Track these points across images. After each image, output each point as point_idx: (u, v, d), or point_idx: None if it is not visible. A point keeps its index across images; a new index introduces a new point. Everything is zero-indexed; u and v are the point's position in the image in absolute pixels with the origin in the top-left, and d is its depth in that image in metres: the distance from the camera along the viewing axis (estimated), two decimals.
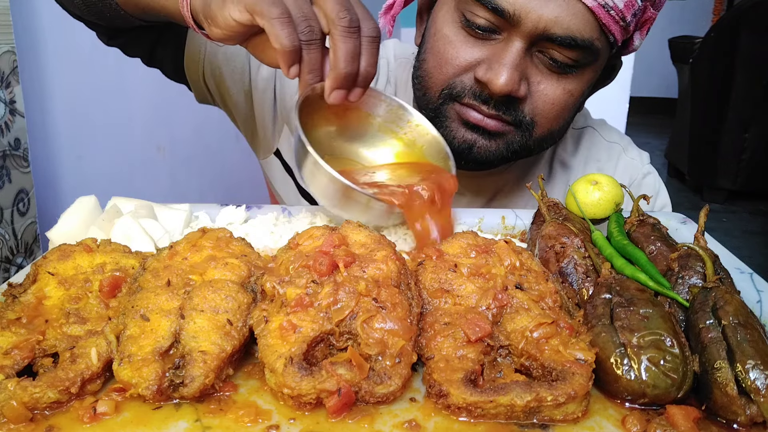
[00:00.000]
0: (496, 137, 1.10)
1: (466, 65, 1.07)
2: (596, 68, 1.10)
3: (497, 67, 1.03)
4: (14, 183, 1.99)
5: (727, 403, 0.63)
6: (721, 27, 5.04)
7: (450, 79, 1.09)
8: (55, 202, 2.20)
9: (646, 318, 0.70)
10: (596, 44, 1.03)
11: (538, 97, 1.07)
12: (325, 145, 1.05)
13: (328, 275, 0.74)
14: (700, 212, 0.91)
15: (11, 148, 1.98)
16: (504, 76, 1.02)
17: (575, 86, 1.09)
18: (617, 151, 1.35)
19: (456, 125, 1.11)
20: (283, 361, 0.65)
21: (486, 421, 0.64)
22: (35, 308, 0.76)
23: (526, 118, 1.09)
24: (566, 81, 1.07)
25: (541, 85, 1.07)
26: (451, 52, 1.08)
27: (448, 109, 1.11)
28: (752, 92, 4.91)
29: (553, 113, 1.10)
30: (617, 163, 1.35)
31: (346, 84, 0.88)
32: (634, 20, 1.05)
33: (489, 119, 1.08)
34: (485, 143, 1.11)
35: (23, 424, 0.63)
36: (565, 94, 1.08)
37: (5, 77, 1.92)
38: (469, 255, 0.82)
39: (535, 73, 1.06)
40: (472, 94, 1.08)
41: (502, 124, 1.09)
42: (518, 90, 1.04)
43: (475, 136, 1.10)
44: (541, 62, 1.05)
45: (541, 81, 1.06)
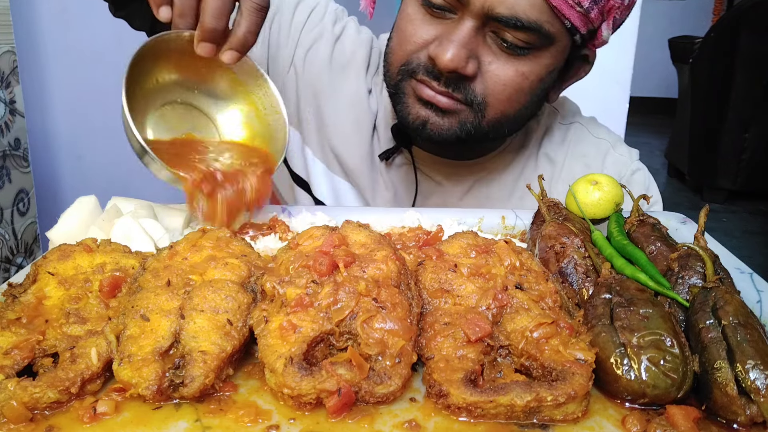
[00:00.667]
0: (449, 115, 1.12)
1: (422, 42, 1.10)
2: (555, 54, 1.09)
3: (446, 43, 1.05)
4: (14, 183, 1.99)
5: (727, 403, 0.63)
6: (721, 27, 5.04)
7: (408, 56, 1.12)
8: (55, 202, 2.20)
9: (646, 318, 0.70)
10: (546, 27, 1.03)
11: (489, 77, 1.08)
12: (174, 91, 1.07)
13: (328, 275, 0.74)
14: (700, 212, 0.91)
15: (11, 148, 1.98)
16: (450, 52, 1.04)
17: (529, 69, 1.08)
18: (605, 148, 1.35)
19: (412, 101, 1.14)
20: (283, 361, 0.65)
21: (486, 421, 0.64)
22: (35, 308, 0.76)
23: (477, 98, 1.10)
24: (519, 63, 1.07)
25: (492, 65, 1.07)
26: (410, 29, 1.11)
27: (406, 85, 1.14)
28: (752, 92, 4.91)
29: (504, 94, 1.10)
30: (605, 159, 1.34)
31: (212, 38, 0.90)
32: (595, 8, 1.04)
33: (440, 96, 1.10)
34: (438, 120, 1.12)
35: (23, 424, 0.63)
36: (518, 75, 1.08)
37: (5, 77, 1.92)
38: (469, 255, 0.82)
39: (486, 53, 1.07)
40: (425, 70, 1.10)
41: (453, 102, 1.11)
42: (465, 67, 1.05)
43: (428, 112, 1.12)
44: (494, 43, 1.06)
45: (492, 61, 1.07)
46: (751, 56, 4.82)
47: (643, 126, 7.06)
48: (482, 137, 1.17)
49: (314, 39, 1.35)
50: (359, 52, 1.37)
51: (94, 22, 2.21)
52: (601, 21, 1.08)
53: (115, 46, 2.31)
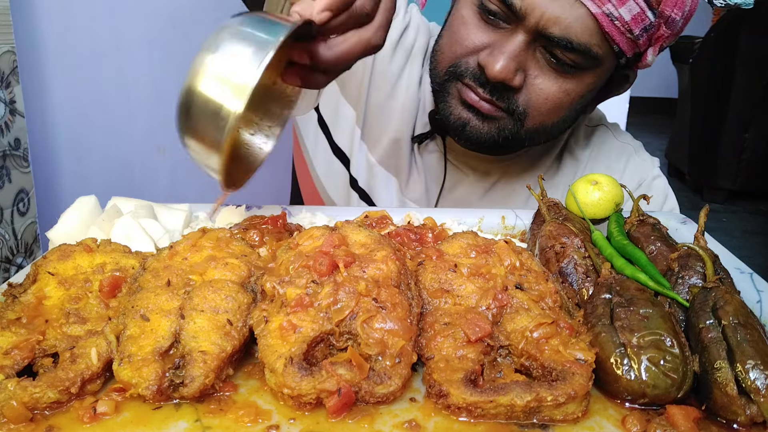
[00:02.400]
0: (489, 120, 1.15)
1: (473, 47, 1.12)
2: (599, 74, 1.13)
3: (497, 53, 1.08)
4: (14, 183, 1.99)
5: (727, 403, 0.63)
6: (721, 27, 5.04)
7: (457, 58, 1.14)
8: (55, 202, 2.20)
9: (646, 318, 0.70)
10: (595, 50, 1.06)
11: (532, 89, 1.11)
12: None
13: (328, 275, 0.74)
14: (700, 212, 0.91)
15: (11, 148, 1.98)
16: (501, 63, 1.07)
17: (572, 87, 1.12)
18: (628, 152, 1.38)
19: (455, 102, 1.17)
20: (283, 361, 0.65)
21: (486, 421, 0.64)
22: (35, 308, 0.76)
23: (519, 108, 1.12)
24: (564, 80, 1.11)
25: (538, 80, 1.10)
26: (463, 33, 1.13)
27: (451, 86, 1.16)
28: (752, 92, 4.91)
29: (545, 108, 1.13)
30: (627, 163, 1.36)
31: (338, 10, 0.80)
32: (645, 35, 1.07)
33: (484, 102, 1.13)
34: (478, 124, 1.15)
35: (23, 424, 0.63)
36: (561, 92, 1.11)
37: (5, 77, 1.92)
38: (469, 255, 0.82)
39: (534, 67, 1.10)
40: (473, 75, 1.12)
41: (495, 109, 1.13)
42: (512, 79, 1.08)
43: (469, 115, 1.15)
44: (543, 58, 1.09)
45: (538, 75, 1.10)
46: (751, 56, 4.81)
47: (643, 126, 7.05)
48: (519, 143, 1.20)
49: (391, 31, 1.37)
50: (420, 41, 1.39)
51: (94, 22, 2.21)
52: (648, 46, 1.11)
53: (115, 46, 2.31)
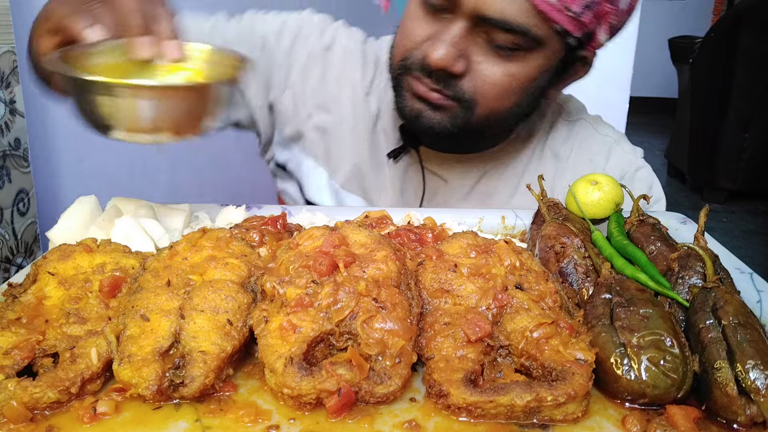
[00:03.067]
0: (440, 110, 1.16)
1: (419, 39, 1.13)
2: (547, 56, 1.11)
3: (437, 42, 1.08)
4: (14, 183, 1.99)
5: (727, 403, 0.63)
6: (721, 27, 5.04)
7: (407, 52, 1.15)
8: (55, 202, 2.19)
9: (646, 318, 0.70)
10: (534, 31, 1.05)
11: (477, 75, 1.11)
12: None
13: (328, 275, 0.74)
14: (700, 212, 0.91)
15: (11, 148, 1.98)
16: (440, 51, 1.07)
17: (517, 70, 1.11)
18: (609, 144, 1.37)
19: (408, 95, 1.18)
20: (283, 361, 0.65)
21: (486, 421, 0.64)
22: (35, 308, 0.76)
23: (465, 95, 1.13)
24: (508, 63, 1.10)
25: (482, 65, 1.10)
26: (410, 26, 1.15)
27: (404, 80, 1.17)
28: (752, 92, 4.90)
29: (493, 93, 1.13)
30: (609, 155, 1.35)
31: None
32: (588, 12, 1.06)
33: (432, 92, 1.14)
34: (430, 114, 1.16)
35: (23, 424, 0.63)
36: (506, 76, 1.11)
37: (5, 77, 1.92)
38: (469, 255, 0.82)
39: (476, 53, 1.10)
40: (419, 67, 1.13)
41: (443, 98, 1.14)
42: (453, 66, 1.08)
43: (421, 106, 1.16)
44: (485, 43, 1.09)
45: (482, 61, 1.10)
46: (751, 56, 4.81)
47: (643, 126, 7.06)
48: (475, 133, 1.20)
49: (306, 57, 1.38)
50: (352, 59, 1.39)
51: None
52: (596, 25, 1.10)
53: None
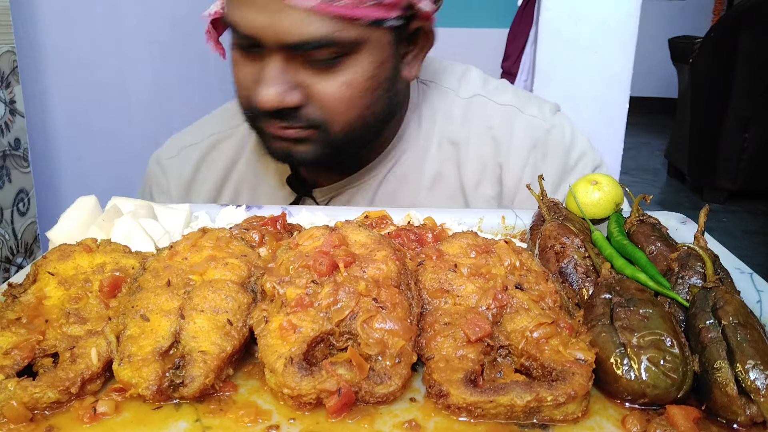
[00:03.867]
0: (305, 142, 1.12)
1: (250, 85, 1.09)
2: (372, 50, 1.07)
3: (262, 85, 1.05)
4: (14, 183, 1.99)
5: (727, 403, 0.63)
6: (721, 27, 5.04)
7: (245, 100, 1.12)
8: (55, 202, 2.20)
9: (646, 318, 0.70)
10: (340, 36, 1.01)
11: (317, 98, 1.07)
12: None
13: (328, 275, 0.74)
14: (700, 212, 0.91)
15: (11, 148, 1.98)
16: (267, 92, 1.03)
17: (349, 76, 1.07)
18: (511, 113, 1.28)
19: (269, 138, 1.14)
20: (283, 361, 0.65)
21: (486, 421, 0.64)
22: (35, 308, 0.76)
23: (316, 120, 1.09)
24: (338, 75, 1.06)
25: (316, 87, 1.07)
26: (239, 75, 1.11)
27: (261, 124, 1.14)
28: (752, 92, 4.91)
29: (340, 108, 1.09)
30: (512, 126, 1.27)
31: None
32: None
33: (287, 131, 1.10)
34: (299, 149, 1.13)
35: (23, 424, 0.63)
36: (342, 86, 1.07)
37: (5, 77, 1.92)
38: (469, 255, 0.82)
39: (306, 77, 1.06)
40: (261, 113, 1.09)
41: (299, 131, 1.11)
42: (284, 100, 1.05)
43: (286, 144, 1.13)
44: (306, 65, 1.06)
45: (314, 83, 1.06)
46: (751, 56, 4.81)
47: (643, 126, 7.06)
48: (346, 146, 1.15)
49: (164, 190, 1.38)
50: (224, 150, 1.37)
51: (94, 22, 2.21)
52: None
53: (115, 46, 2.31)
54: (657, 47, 6.37)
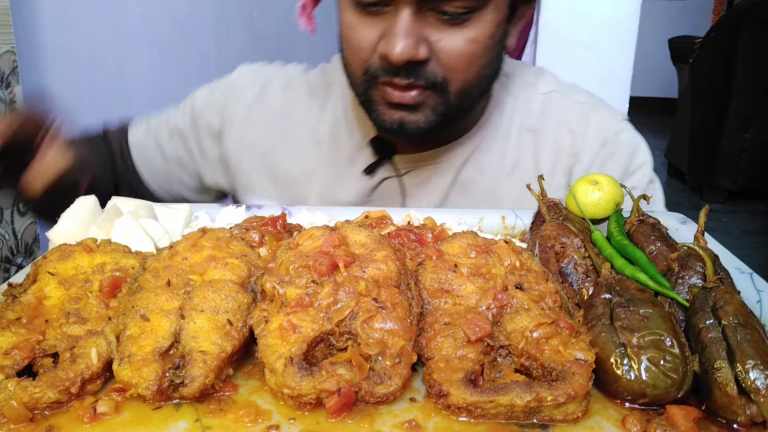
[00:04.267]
0: (419, 108, 1.13)
1: (370, 45, 1.10)
2: (496, 7, 1.10)
3: (391, 38, 1.06)
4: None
5: (727, 403, 0.63)
6: (721, 27, 5.04)
7: (365, 63, 1.12)
8: None
9: (646, 318, 0.70)
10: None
11: (442, 54, 1.09)
12: None
13: (328, 275, 0.74)
14: (700, 212, 0.91)
15: None
16: (399, 45, 1.04)
17: (476, 32, 1.09)
18: (586, 111, 1.33)
19: (383, 108, 1.15)
20: (283, 361, 0.65)
21: (486, 421, 0.64)
22: (35, 308, 0.76)
23: (438, 78, 1.10)
24: (465, 30, 1.08)
25: (441, 42, 1.08)
26: (356, 38, 1.12)
27: (373, 92, 1.14)
28: (752, 92, 4.91)
29: (461, 65, 1.11)
30: (588, 121, 1.32)
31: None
32: None
33: (407, 92, 1.11)
34: (413, 118, 1.13)
35: (23, 424, 0.63)
36: (468, 42, 1.09)
37: (5, 77, 1.92)
38: (469, 255, 0.82)
39: (433, 32, 1.08)
40: (384, 70, 1.10)
41: (419, 93, 1.11)
42: (417, 54, 1.06)
43: (401, 113, 1.13)
44: (436, 19, 1.07)
45: (440, 38, 1.08)
46: (751, 56, 4.81)
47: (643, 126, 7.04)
48: (456, 111, 1.17)
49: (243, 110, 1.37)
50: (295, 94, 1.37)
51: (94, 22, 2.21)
52: None
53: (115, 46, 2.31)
54: (657, 47, 6.36)
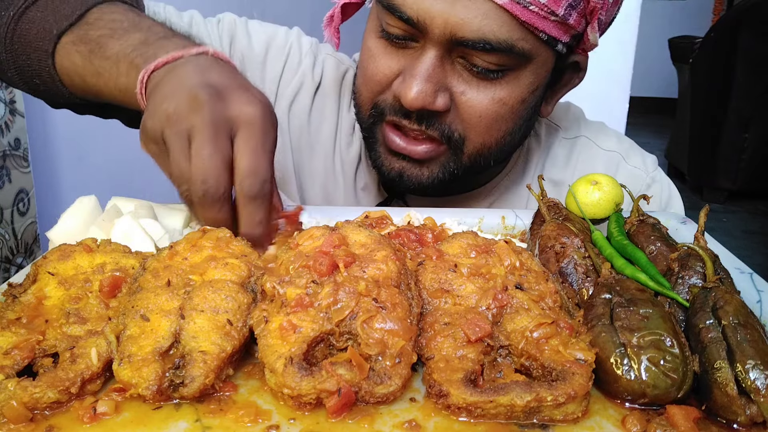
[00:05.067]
0: (427, 163, 1.03)
1: (386, 79, 1.00)
2: (535, 71, 0.99)
3: (409, 78, 0.95)
4: (14, 183, 1.99)
5: (727, 403, 0.63)
6: (721, 27, 5.05)
7: (375, 97, 1.03)
8: (55, 202, 2.20)
9: (646, 318, 0.70)
10: (519, 45, 0.93)
11: (463, 108, 0.98)
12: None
13: (328, 275, 0.74)
14: (700, 212, 0.91)
15: (11, 148, 1.98)
16: (415, 89, 0.93)
17: (507, 93, 0.98)
18: (616, 161, 1.24)
19: (383, 151, 1.05)
20: (283, 362, 0.65)
21: (486, 421, 0.64)
22: (35, 308, 0.76)
23: (454, 134, 1.00)
24: (495, 88, 0.97)
25: (466, 95, 0.97)
26: (372, 67, 1.01)
27: (378, 130, 1.05)
28: (752, 92, 4.91)
29: (483, 125, 0.99)
30: (616, 174, 1.23)
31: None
32: (574, 13, 0.93)
33: (413, 146, 1.01)
34: (415, 171, 1.04)
35: (23, 424, 0.62)
36: (495, 103, 0.98)
37: None
38: (469, 255, 0.82)
39: (457, 82, 0.97)
40: (393, 109, 1.00)
41: (429, 148, 1.01)
42: (433, 102, 0.95)
43: (402, 163, 1.03)
44: (464, 69, 0.96)
45: (465, 91, 0.97)
46: (751, 56, 4.82)
47: (643, 126, 7.06)
48: (466, 173, 1.08)
49: (296, 89, 1.24)
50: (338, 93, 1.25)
51: None
52: (584, 25, 0.99)
53: None
54: (657, 47, 6.37)
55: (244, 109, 0.79)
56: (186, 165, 0.77)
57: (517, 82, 0.98)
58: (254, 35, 1.24)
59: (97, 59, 0.93)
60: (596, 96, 1.90)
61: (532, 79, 1.00)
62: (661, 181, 1.26)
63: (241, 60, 1.22)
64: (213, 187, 0.78)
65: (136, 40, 0.90)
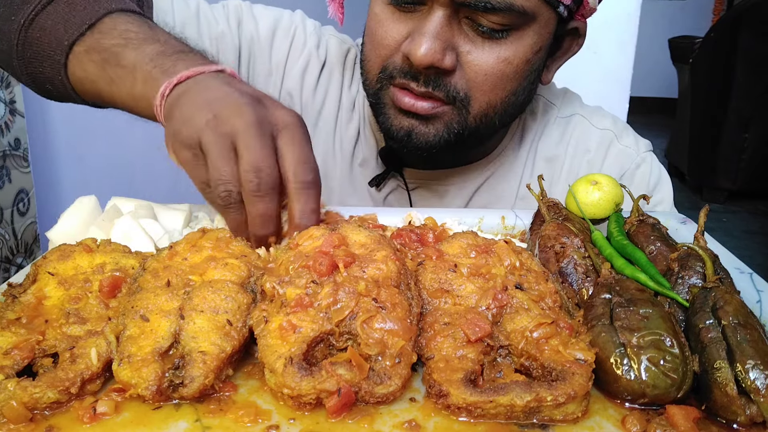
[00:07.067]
0: (433, 120, 1.06)
1: (394, 43, 1.03)
2: (538, 31, 1.02)
3: (418, 37, 0.98)
4: (14, 183, 2.00)
5: (727, 403, 0.63)
6: (721, 27, 5.05)
7: (384, 61, 1.06)
8: (55, 202, 2.20)
9: (646, 318, 0.70)
10: (520, 4, 0.96)
11: (469, 67, 1.01)
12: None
13: (328, 275, 0.74)
14: (700, 212, 0.91)
15: (11, 148, 1.98)
16: (424, 46, 0.96)
17: (511, 52, 1.01)
18: (609, 139, 1.26)
19: (393, 112, 1.08)
20: (283, 362, 0.65)
21: (486, 421, 0.64)
22: (35, 308, 0.76)
23: (459, 93, 1.03)
24: (499, 47, 1.00)
25: (471, 55, 1.00)
26: (380, 31, 1.05)
27: (385, 94, 1.08)
28: (752, 92, 4.91)
29: (488, 84, 1.02)
30: (607, 151, 1.26)
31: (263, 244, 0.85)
32: None
33: (421, 102, 1.04)
34: (423, 129, 1.06)
35: (23, 424, 0.62)
36: (500, 61, 1.01)
37: (5, 77, 1.92)
38: (469, 255, 0.82)
39: (464, 42, 1.00)
40: (402, 71, 1.03)
41: (435, 105, 1.04)
42: (442, 60, 0.98)
43: (411, 121, 1.06)
44: (470, 29, 1.00)
45: (471, 50, 1.00)
46: (751, 56, 4.82)
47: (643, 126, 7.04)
48: (472, 135, 1.10)
49: (302, 68, 1.27)
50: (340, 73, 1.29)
51: None
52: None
53: None
54: (657, 47, 6.37)
55: (283, 115, 0.84)
56: (227, 166, 0.80)
57: (521, 41, 1.01)
58: (260, 19, 1.27)
59: (111, 68, 0.95)
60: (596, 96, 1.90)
61: (535, 39, 1.03)
62: (651, 164, 1.27)
63: (250, 43, 1.25)
64: (268, 175, 0.80)
65: (153, 51, 0.92)
